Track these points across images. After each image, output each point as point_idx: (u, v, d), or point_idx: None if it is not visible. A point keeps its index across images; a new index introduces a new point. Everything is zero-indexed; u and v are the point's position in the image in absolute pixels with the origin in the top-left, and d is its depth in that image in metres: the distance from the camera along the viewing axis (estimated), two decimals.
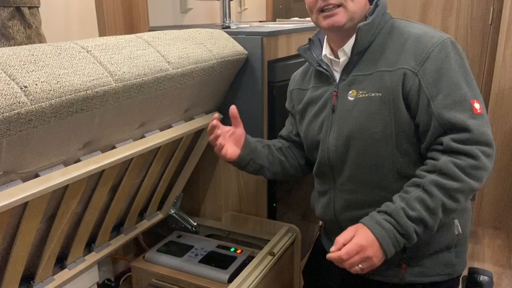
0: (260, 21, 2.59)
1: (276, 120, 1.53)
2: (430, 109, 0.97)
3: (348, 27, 1.03)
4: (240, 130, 1.19)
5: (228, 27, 1.81)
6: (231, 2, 2.01)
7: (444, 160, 0.95)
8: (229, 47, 1.40)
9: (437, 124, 0.97)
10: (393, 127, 1.01)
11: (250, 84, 1.49)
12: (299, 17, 2.47)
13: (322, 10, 1.02)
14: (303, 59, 1.21)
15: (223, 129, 1.17)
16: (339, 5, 1.01)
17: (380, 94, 1.01)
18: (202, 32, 1.38)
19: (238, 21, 2.41)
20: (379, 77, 1.02)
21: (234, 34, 1.48)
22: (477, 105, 0.97)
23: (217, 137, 1.16)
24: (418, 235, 0.96)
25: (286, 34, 1.59)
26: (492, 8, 2.35)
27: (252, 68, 1.47)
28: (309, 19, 2.34)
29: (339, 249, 0.95)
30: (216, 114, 1.19)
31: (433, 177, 0.96)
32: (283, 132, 1.35)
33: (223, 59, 1.34)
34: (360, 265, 0.94)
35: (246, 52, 1.45)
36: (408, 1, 2.60)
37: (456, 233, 1.09)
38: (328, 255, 0.96)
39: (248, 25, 2.03)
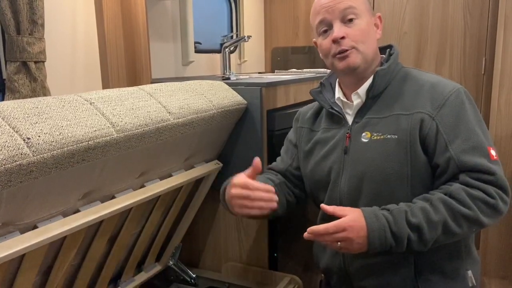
0: (259, 73, 2.66)
1: None
2: (448, 152, 0.99)
3: (362, 69, 1.08)
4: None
5: (228, 78, 1.86)
6: (231, 55, 2.09)
7: (457, 187, 0.97)
8: (229, 98, 1.43)
9: (455, 167, 0.98)
10: (409, 169, 1.02)
11: (250, 133, 1.51)
12: (297, 69, 2.54)
13: (337, 53, 1.07)
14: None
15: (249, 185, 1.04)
16: (351, 48, 1.06)
17: (396, 136, 1.03)
18: (202, 83, 1.42)
19: (238, 73, 2.48)
20: (395, 120, 1.05)
21: (234, 85, 1.52)
22: (493, 152, 0.99)
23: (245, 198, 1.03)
24: (410, 243, 0.95)
25: (284, 84, 1.63)
26: (484, 58, 2.42)
27: (251, 118, 1.50)
28: (306, 70, 2.41)
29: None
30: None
31: (443, 196, 0.97)
32: (279, 165, 1.29)
33: (223, 109, 1.37)
34: (339, 243, 0.95)
35: (246, 102, 1.48)
36: (401, 51, 2.67)
37: (470, 285, 1.07)
38: (314, 228, 0.95)
39: (247, 76, 2.09)
